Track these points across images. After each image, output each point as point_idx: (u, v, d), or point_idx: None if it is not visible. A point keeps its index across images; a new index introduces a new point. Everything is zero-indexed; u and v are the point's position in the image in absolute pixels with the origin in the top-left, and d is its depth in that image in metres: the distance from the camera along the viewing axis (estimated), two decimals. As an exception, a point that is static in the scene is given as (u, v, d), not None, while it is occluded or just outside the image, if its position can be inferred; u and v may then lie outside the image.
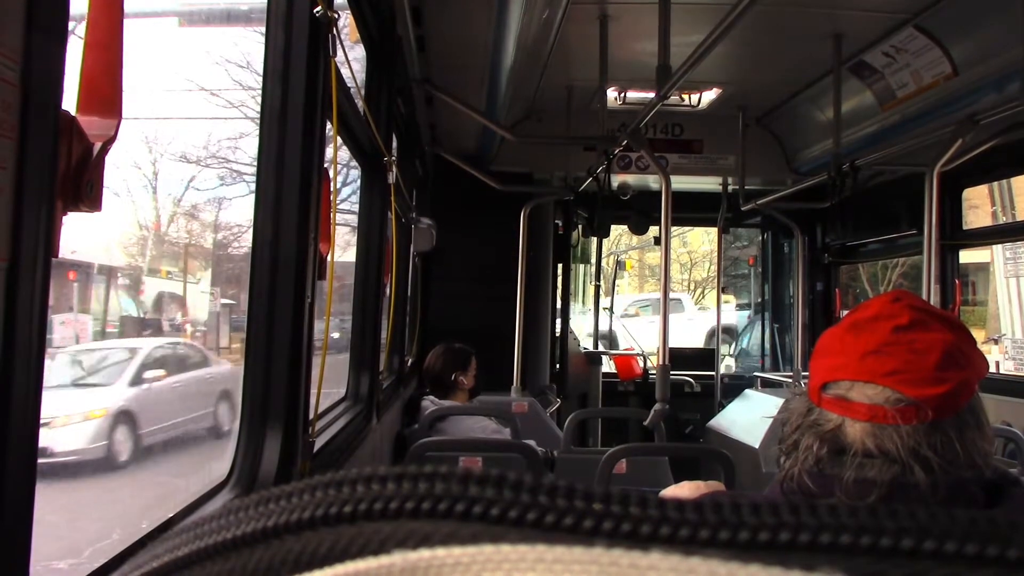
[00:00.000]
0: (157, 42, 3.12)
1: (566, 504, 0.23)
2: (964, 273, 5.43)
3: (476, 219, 5.86)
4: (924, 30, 3.90)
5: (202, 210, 4.68)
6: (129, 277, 4.21)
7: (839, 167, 4.18)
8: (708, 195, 6.40)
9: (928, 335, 1.10)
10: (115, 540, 2.08)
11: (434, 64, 4.22)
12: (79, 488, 2.92)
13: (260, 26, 1.88)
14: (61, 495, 2.61)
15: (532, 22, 3.35)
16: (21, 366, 0.82)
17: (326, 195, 1.95)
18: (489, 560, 0.23)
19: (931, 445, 1.06)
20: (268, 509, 0.26)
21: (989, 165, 4.52)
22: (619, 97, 5.24)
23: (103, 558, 1.17)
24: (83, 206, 0.92)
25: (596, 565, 0.22)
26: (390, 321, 3.69)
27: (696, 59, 2.90)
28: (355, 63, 2.66)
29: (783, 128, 5.89)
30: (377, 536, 0.24)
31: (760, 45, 4.31)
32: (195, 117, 4.23)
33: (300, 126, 1.76)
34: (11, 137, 0.80)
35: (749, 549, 0.22)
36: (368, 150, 3.11)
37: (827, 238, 6.59)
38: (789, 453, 1.17)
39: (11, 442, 0.81)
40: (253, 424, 1.71)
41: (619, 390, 6.87)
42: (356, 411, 2.95)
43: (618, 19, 3.96)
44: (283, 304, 1.74)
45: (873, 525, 0.22)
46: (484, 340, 4.75)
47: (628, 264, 17.77)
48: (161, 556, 0.27)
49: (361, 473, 0.25)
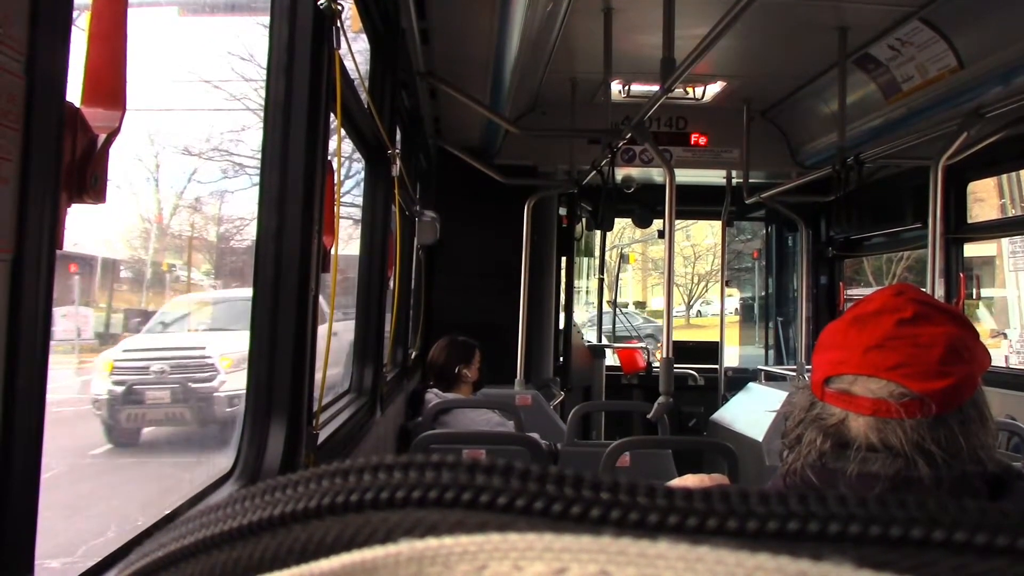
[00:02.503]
0: (157, 33, 3.12)
1: (574, 493, 0.23)
2: (969, 267, 5.41)
3: (480, 212, 5.85)
4: (929, 23, 3.89)
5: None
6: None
7: (844, 160, 4.17)
8: (712, 188, 6.39)
9: (932, 329, 1.10)
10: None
11: (438, 57, 4.21)
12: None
13: (263, 17, 1.88)
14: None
15: (536, 15, 3.34)
16: (26, 358, 0.82)
17: (330, 188, 1.95)
18: (497, 549, 0.23)
19: (935, 439, 1.06)
20: (275, 498, 0.26)
21: (994, 158, 4.51)
22: (623, 90, 5.23)
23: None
24: (87, 198, 0.92)
25: (604, 554, 0.22)
26: (394, 314, 3.69)
27: (700, 52, 2.89)
28: (359, 55, 2.66)
29: (787, 121, 5.87)
30: (384, 525, 0.24)
31: (765, 38, 4.30)
32: (198, 109, 4.23)
33: (304, 119, 1.76)
34: (16, 129, 0.80)
35: (758, 538, 0.22)
36: (372, 143, 3.10)
37: (831, 231, 6.58)
38: (792, 447, 1.17)
39: (17, 433, 0.81)
40: (257, 415, 1.72)
41: (623, 383, 6.87)
42: (360, 403, 2.95)
43: (622, 12, 3.95)
44: (287, 297, 1.74)
45: (883, 515, 0.22)
46: (488, 333, 4.75)
47: (631, 257, 17.76)
48: (167, 545, 0.27)
49: (368, 462, 0.25)
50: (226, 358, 4.61)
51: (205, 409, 4.58)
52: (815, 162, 5.63)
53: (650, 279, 24.22)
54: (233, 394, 4.49)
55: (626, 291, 21.54)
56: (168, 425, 4.57)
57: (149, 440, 4.48)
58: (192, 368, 4.60)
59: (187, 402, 4.49)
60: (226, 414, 4.46)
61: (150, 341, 4.87)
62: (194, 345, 4.92)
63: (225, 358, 4.62)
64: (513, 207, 5.52)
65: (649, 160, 5.80)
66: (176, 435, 4.64)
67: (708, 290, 23.68)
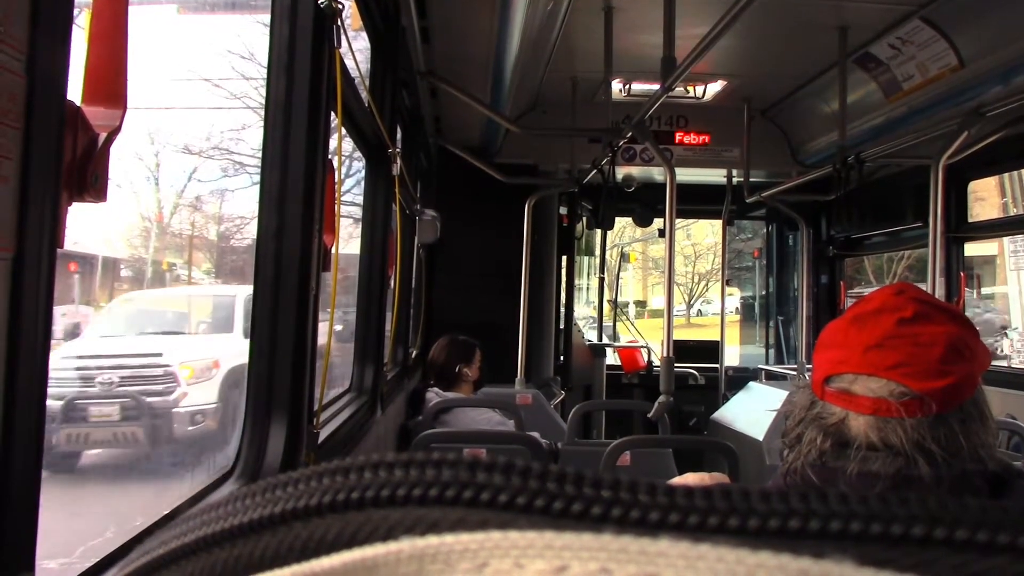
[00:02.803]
0: (157, 31, 3.11)
1: (574, 491, 0.23)
2: (969, 266, 5.41)
3: (480, 211, 5.86)
4: (930, 22, 3.89)
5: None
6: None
7: (844, 159, 4.17)
8: (713, 187, 6.39)
9: (932, 328, 1.10)
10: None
11: (439, 56, 4.21)
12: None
13: (263, 15, 1.88)
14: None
15: (537, 14, 3.34)
16: (26, 357, 0.82)
17: (330, 187, 1.95)
18: (497, 547, 0.23)
19: (935, 438, 1.06)
20: (275, 496, 0.26)
21: (995, 157, 4.50)
22: (624, 89, 5.23)
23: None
24: (88, 197, 0.92)
25: (605, 552, 0.22)
26: (394, 313, 3.69)
27: (701, 51, 2.89)
28: (359, 54, 2.66)
29: (788, 120, 5.87)
30: (385, 523, 0.24)
31: (765, 37, 4.29)
32: (198, 108, 4.22)
33: (304, 117, 1.76)
34: (16, 127, 0.80)
35: (759, 536, 0.22)
36: (372, 142, 3.10)
37: (832, 230, 6.57)
38: (792, 446, 1.17)
39: (17, 433, 0.81)
40: (258, 415, 1.72)
41: (623, 382, 6.87)
42: (360, 403, 2.95)
43: (623, 10, 3.95)
44: (288, 296, 1.74)
45: (884, 513, 0.22)
46: (488, 332, 4.75)
47: (632, 256, 17.76)
48: (168, 543, 0.27)
49: (369, 459, 0.25)
50: (187, 366, 4.10)
51: (162, 428, 3.97)
52: (816, 161, 5.62)
53: (651, 278, 24.22)
54: (196, 410, 3.95)
55: (627, 290, 21.54)
56: (117, 447, 3.89)
57: (91, 466, 3.83)
58: (147, 379, 4.00)
59: (140, 420, 3.88)
60: (187, 434, 3.89)
61: (96, 346, 4.21)
62: (149, 351, 4.25)
63: (186, 366, 4.10)
64: (514, 206, 5.52)
65: (650, 159, 5.80)
66: (125, 459, 3.94)
67: (708, 289, 23.68)
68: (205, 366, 4.35)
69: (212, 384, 4.30)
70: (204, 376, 4.30)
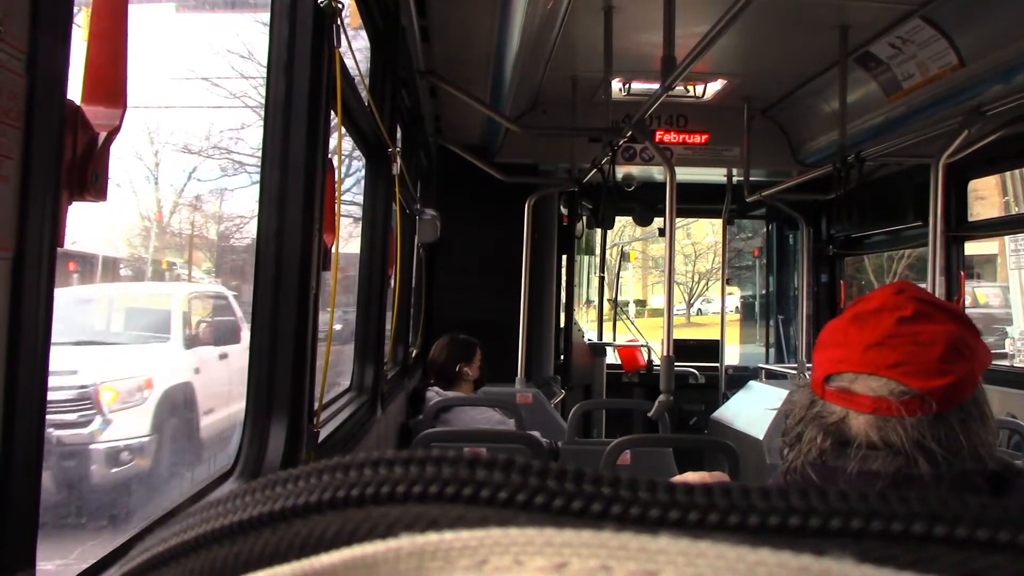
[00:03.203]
0: (156, 30, 3.10)
1: (575, 488, 0.23)
2: (970, 265, 5.41)
3: (481, 210, 5.86)
4: (930, 21, 3.89)
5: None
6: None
7: (844, 158, 4.17)
8: (713, 186, 6.39)
9: (932, 327, 1.10)
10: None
11: (438, 55, 4.21)
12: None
13: (263, 14, 1.88)
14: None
15: (537, 13, 3.34)
16: (26, 357, 0.82)
17: (330, 186, 1.95)
18: (497, 544, 0.23)
19: (935, 437, 1.05)
20: (275, 492, 0.26)
21: (995, 156, 4.50)
22: (624, 88, 5.23)
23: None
24: (88, 196, 0.92)
25: (605, 549, 0.22)
26: (394, 312, 3.69)
27: (701, 50, 2.89)
28: (359, 54, 2.66)
29: (788, 119, 5.87)
30: (385, 520, 0.24)
31: (765, 36, 4.29)
32: (198, 107, 4.22)
33: (304, 117, 1.76)
34: (16, 127, 0.80)
35: (759, 533, 0.22)
36: (372, 141, 3.10)
37: (832, 230, 6.58)
38: (792, 445, 1.17)
39: (17, 433, 0.81)
40: (258, 413, 1.72)
41: (623, 381, 6.87)
42: (361, 402, 2.96)
43: (623, 10, 3.95)
44: (288, 295, 1.74)
45: (884, 510, 0.22)
46: (489, 331, 4.75)
47: (632, 256, 17.76)
48: (168, 540, 0.27)
49: (369, 457, 0.25)
50: (110, 387, 3.28)
51: (73, 471, 3.07)
52: (816, 160, 5.62)
53: (651, 277, 24.21)
54: (121, 446, 3.05)
55: (627, 289, 21.54)
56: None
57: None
58: (55, 404, 2.95)
59: (45, 462, 3.08)
60: (109, 479, 3.05)
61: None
62: (60, 368, 3.14)
63: (108, 387, 3.29)
64: (514, 205, 5.52)
65: (650, 158, 5.80)
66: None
67: (709, 288, 23.68)
68: (134, 386, 3.46)
69: (143, 410, 3.50)
70: (132, 400, 3.50)
